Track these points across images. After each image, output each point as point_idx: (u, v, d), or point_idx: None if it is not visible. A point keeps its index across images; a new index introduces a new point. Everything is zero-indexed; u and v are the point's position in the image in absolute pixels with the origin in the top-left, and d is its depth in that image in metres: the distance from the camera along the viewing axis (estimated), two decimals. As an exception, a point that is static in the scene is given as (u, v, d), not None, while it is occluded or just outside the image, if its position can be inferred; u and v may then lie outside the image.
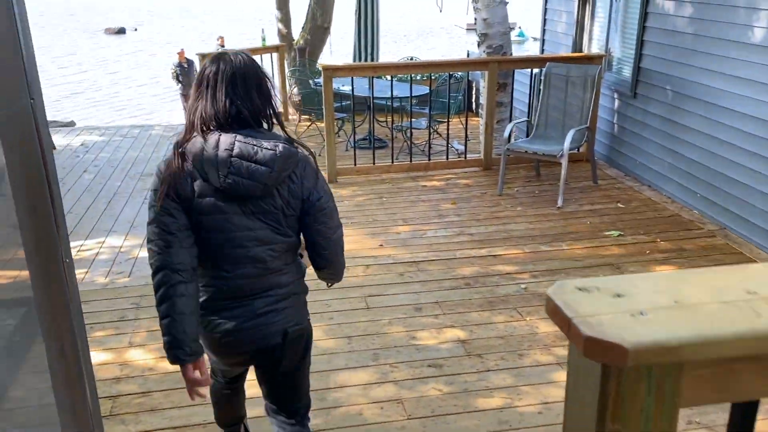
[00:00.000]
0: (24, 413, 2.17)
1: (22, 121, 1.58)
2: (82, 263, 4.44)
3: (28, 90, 1.57)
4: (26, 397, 2.17)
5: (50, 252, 1.70)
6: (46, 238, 1.68)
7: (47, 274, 1.71)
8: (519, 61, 6.48)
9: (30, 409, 2.12)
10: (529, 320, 3.67)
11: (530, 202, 5.49)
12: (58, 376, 1.85)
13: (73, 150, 7.34)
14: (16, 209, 1.68)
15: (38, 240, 1.68)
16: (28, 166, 1.62)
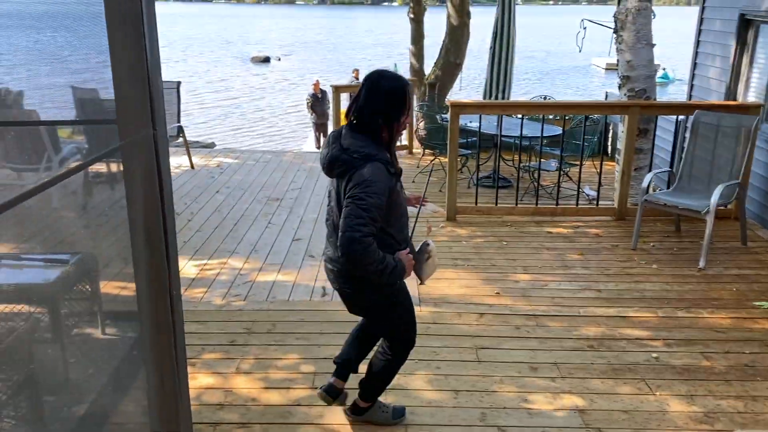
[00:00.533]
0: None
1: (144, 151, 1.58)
2: (203, 282, 4.57)
3: (152, 120, 1.56)
4: (125, 429, 2.17)
5: (159, 284, 1.67)
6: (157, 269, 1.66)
7: (155, 305, 1.69)
8: (664, 107, 6.03)
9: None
10: (659, 395, 3.28)
11: (668, 260, 5.01)
12: (156, 406, 1.82)
13: (209, 171, 7.73)
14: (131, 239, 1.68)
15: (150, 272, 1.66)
16: (146, 197, 1.61)
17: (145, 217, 1.63)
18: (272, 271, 4.76)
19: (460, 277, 4.69)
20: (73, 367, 2.82)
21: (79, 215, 2.98)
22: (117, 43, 1.50)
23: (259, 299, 4.30)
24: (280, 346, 3.70)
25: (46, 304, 2.72)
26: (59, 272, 2.75)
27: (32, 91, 2.45)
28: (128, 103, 1.55)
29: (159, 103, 1.59)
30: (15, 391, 2.47)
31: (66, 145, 3.38)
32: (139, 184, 1.59)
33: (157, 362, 1.72)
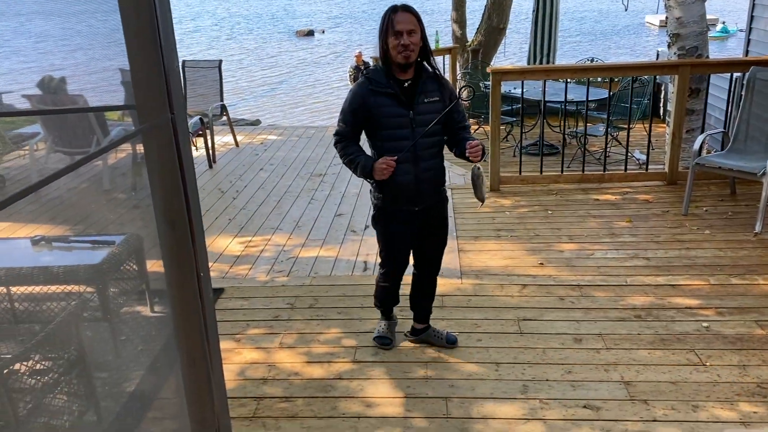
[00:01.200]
0: (163, 420, 2.25)
1: (162, 135, 1.59)
2: (248, 259, 4.65)
3: (169, 105, 1.57)
4: (167, 404, 2.23)
5: (186, 266, 1.70)
6: (182, 252, 1.69)
7: (182, 288, 1.71)
8: (716, 65, 5.73)
9: (168, 417, 2.19)
10: (709, 366, 3.17)
11: (721, 225, 4.81)
12: (188, 387, 1.86)
13: (253, 148, 7.81)
14: (156, 224, 1.71)
15: (175, 254, 1.69)
16: (167, 180, 1.62)
17: (167, 202, 1.64)
18: (314, 247, 4.80)
19: (503, 248, 4.63)
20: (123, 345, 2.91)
21: (129, 196, 3.05)
22: (130, 27, 1.50)
23: (302, 275, 4.35)
24: (322, 321, 3.75)
25: (94, 284, 2.81)
26: (106, 253, 2.83)
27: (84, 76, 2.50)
28: (145, 88, 1.55)
29: (176, 87, 1.59)
30: (67, 368, 2.57)
31: (114, 128, 3.45)
32: (160, 168, 1.61)
33: (187, 345, 1.76)
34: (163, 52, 1.52)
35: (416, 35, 2.88)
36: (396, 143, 2.97)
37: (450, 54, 8.97)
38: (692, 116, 5.76)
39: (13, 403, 2.31)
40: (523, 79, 6.03)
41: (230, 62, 24.29)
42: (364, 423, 2.88)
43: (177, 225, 1.68)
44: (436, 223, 3.21)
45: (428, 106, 2.97)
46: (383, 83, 2.95)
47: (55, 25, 2.59)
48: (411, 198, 3.06)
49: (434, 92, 2.99)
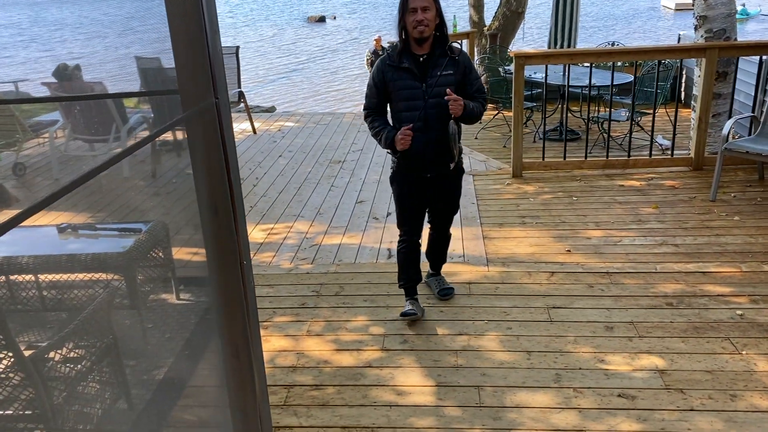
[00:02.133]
0: (199, 408, 2.23)
1: (207, 120, 1.55)
2: (271, 246, 4.63)
3: (213, 89, 1.53)
4: (202, 392, 2.21)
5: (229, 253, 1.67)
6: (225, 239, 1.65)
7: (225, 275, 1.68)
8: (745, 48, 5.61)
9: (205, 405, 2.17)
10: (745, 354, 3.12)
11: (750, 211, 4.73)
12: (230, 376, 1.84)
13: (271, 135, 7.78)
14: (199, 209, 1.67)
15: (218, 241, 1.66)
16: (211, 166, 1.59)
17: (211, 188, 1.61)
18: (337, 234, 4.77)
19: (529, 235, 4.57)
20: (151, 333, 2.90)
21: (149, 184, 3.03)
22: (175, 11, 1.46)
23: (326, 262, 4.32)
24: (348, 309, 3.72)
25: (122, 272, 2.79)
26: (133, 241, 2.81)
27: (101, 63, 2.46)
28: (189, 72, 1.51)
29: (220, 70, 1.55)
30: (99, 357, 2.55)
31: (132, 115, 3.42)
32: (204, 154, 1.57)
33: (230, 333, 1.73)
34: (207, 34, 1.47)
35: (430, 12, 3.12)
36: (411, 113, 3.22)
37: (468, 39, 8.86)
38: (719, 100, 5.65)
39: (49, 392, 2.30)
40: (546, 63, 5.94)
41: (245, 49, 24.18)
42: (396, 412, 2.86)
43: (220, 211, 1.64)
44: (449, 190, 3.47)
45: (442, 79, 3.18)
46: (399, 58, 3.21)
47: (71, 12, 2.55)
48: (423, 165, 3.31)
49: (448, 66, 3.19)
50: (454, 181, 3.45)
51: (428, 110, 3.18)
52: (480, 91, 3.31)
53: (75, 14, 2.65)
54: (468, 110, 3.17)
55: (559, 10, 7.14)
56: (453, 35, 9.07)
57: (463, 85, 3.23)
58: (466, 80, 3.24)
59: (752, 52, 5.63)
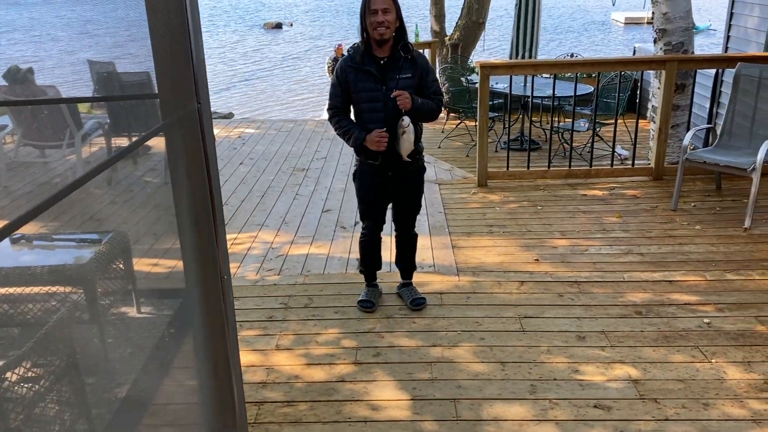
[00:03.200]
0: (166, 428, 2.11)
1: (189, 126, 1.46)
2: (235, 257, 4.49)
3: (196, 94, 1.44)
4: (168, 410, 2.10)
5: (209, 267, 1.58)
6: (206, 252, 1.56)
7: (205, 290, 1.59)
8: (703, 61, 5.76)
9: (172, 424, 2.06)
10: (714, 363, 3.16)
11: (711, 220, 4.84)
12: (209, 394, 1.74)
13: (231, 142, 7.62)
14: (177, 220, 1.58)
15: (198, 254, 1.56)
16: (192, 175, 1.50)
17: (192, 198, 1.52)
18: (304, 244, 4.67)
19: (497, 244, 4.57)
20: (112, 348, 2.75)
21: (106, 191, 2.89)
22: (156, 13, 1.37)
23: (294, 273, 4.22)
24: (318, 321, 3.63)
25: (81, 284, 2.64)
26: (92, 252, 2.67)
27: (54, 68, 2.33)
28: (170, 76, 1.43)
29: (203, 76, 1.46)
30: (58, 375, 2.40)
31: (87, 120, 3.26)
32: (185, 162, 1.48)
33: (210, 351, 1.64)
34: (191, 34, 1.39)
35: (390, 14, 3.19)
36: (372, 115, 3.32)
37: (429, 48, 8.89)
38: (677, 111, 5.78)
39: (4, 415, 2.15)
40: (511, 74, 5.99)
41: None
42: (372, 427, 2.78)
43: (201, 223, 1.55)
44: (410, 187, 3.54)
45: (401, 82, 3.26)
46: (360, 61, 3.28)
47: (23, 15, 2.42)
48: (386, 163, 3.38)
49: (407, 69, 3.27)
50: (415, 180, 3.53)
51: (389, 112, 3.26)
52: (437, 93, 3.39)
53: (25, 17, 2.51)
54: (416, 104, 3.24)
55: (521, 21, 7.21)
56: (415, 45, 9.09)
57: (421, 87, 3.32)
58: (424, 82, 3.33)
59: (709, 65, 5.79)
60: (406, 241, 3.76)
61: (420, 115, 3.32)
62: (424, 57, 3.40)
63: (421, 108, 3.29)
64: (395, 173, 3.43)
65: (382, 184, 3.48)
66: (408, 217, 3.67)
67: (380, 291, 3.85)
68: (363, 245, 3.73)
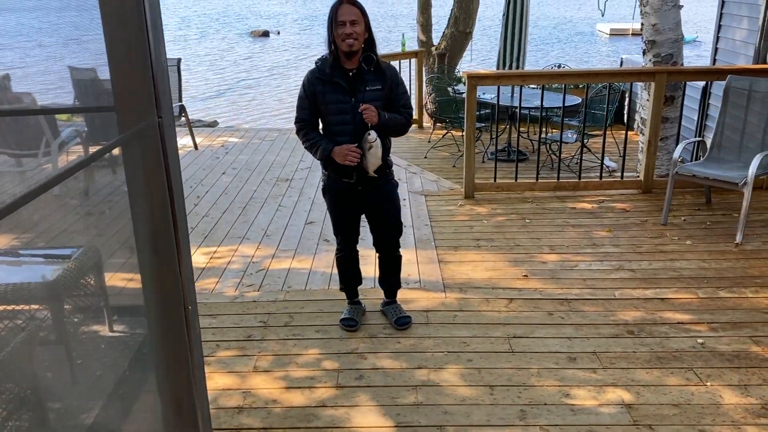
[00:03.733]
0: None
1: (148, 142, 1.32)
2: (214, 271, 4.33)
3: (156, 106, 1.30)
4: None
5: (172, 297, 1.43)
6: (168, 281, 1.42)
7: (167, 324, 1.44)
8: (693, 73, 5.70)
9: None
10: (710, 386, 3.04)
11: (701, 235, 4.75)
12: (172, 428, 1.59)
13: (213, 151, 7.45)
14: (136, 246, 1.43)
15: (159, 284, 1.42)
16: (152, 197, 1.36)
17: (152, 222, 1.37)
18: (286, 258, 4.52)
19: (485, 258, 4.44)
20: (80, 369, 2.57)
21: (82, 202, 2.71)
22: (111, 14, 1.23)
23: (274, 289, 4.07)
24: (299, 341, 3.47)
25: (47, 303, 2.47)
26: (61, 269, 2.50)
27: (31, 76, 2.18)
28: (128, 87, 1.28)
29: (164, 85, 1.32)
30: (19, 402, 2.23)
31: (64, 129, 3.09)
32: (143, 182, 1.34)
33: (173, 389, 1.49)
34: (150, 43, 1.25)
35: (359, 26, 3.11)
36: (341, 127, 3.24)
37: (416, 58, 8.78)
38: (666, 124, 5.71)
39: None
40: (499, 84, 5.89)
41: (187, 62, 23.53)
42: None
43: (161, 248, 1.41)
44: (382, 202, 3.43)
45: (370, 94, 3.20)
46: (328, 72, 3.20)
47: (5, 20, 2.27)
48: (354, 177, 3.30)
49: (376, 81, 3.21)
50: (387, 197, 3.43)
51: (358, 125, 3.19)
52: (406, 107, 3.33)
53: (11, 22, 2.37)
54: (383, 119, 3.18)
55: (508, 32, 7.13)
56: (401, 54, 8.99)
57: (390, 100, 3.27)
58: (393, 95, 3.27)
59: (699, 78, 5.73)
60: (390, 263, 3.63)
61: (387, 129, 3.25)
62: (393, 69, 3.33)
63: (388, 123, 3.22)
64: (364, 188, 3.34)
65: (351, 199, 3.40)
66: (387, 239, 3.53)
67: (363, 308, 3.74)
68: (339, 261, 3.64)
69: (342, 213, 3.46)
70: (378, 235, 3.53)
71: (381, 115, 3.17)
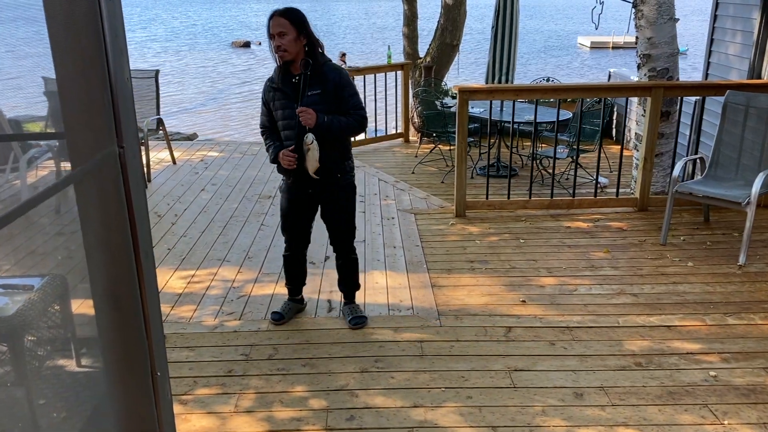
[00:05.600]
0: None
1: (106, 177, 1.07)
2: (191, 298, 4.06)
3: (117, 134, 1.06)
4: None
5: (136, 363, 1.18)
6: (131, 344, 1.17)
7: (131, 394, 1.19)
8: (690, 88, 5.56)
9: None
10: (727, 425, 2.83)
11: (702, 256, 4.57)
12: None
13: (192, 165, 7.17)
14: (93, 301, 1.18)
15: (121, 346, 1.17)
16: (110, 241, 1.11)
17: (111, 272, 1.12)
18: (269, 283, 4.26)
19: (479, 283, 4.22)
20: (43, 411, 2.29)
21: (51, 220, 2.44)
22: (56, 25, 0.98)
23: (257, 317, 3.80)
24: (284, 376, 3.21)
25: (6, 340, 2.19)
26: (23, 300, 2.22)
27: None
28: (81, 110, 1.04)
29: (127, 107, 1.08)
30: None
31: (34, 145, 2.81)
32: (100, 224, 1.09)
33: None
34: (108, 56, 1.00)
35: (287, 36, 3.23)
36: (286, 132, 3.39)
37: (402, 70, 8.59)
38: (662, 140, 5.56)
39: None
40: (491, 99, 5.70)
41: (167, 73, 23.23)
42: None
43: (123, 304, 1.16)
44: (332, 206, 3.53)
45: (310, 98, 3.30)
46: (276, 80, 3.39)
47: None
48: (303, 180, 3.42)
49: (316, 85, 3.30)
50: (339, 198, 3.51)
51: (299, 128, 3.32)
52: (356, 108, 3.37)
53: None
54: (322, 121, 3.25)
55: (497, 45, 6.97)
56: (387, 66, 8.79)
57: (337, 102, 3.32)
58: (340, 97, 3.33)
59: (697, 93, 5.59)
60: (345, 266, 3.74)
61: (331, 132, 3.30)
62: (337, 72, 3.36)
63: (330, 125, 3.28)
64: (314, 191, 3.47)
65: (301, 201, 3.53)
66: (340, 241, 3.64)
67: (301, 306, 3.85)
68: (285, 260, 3.79)
69: (291, 212, 3.59)
70: (331, 239, 3.67)
71: (320, 117, 3.25)
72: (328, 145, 3.32)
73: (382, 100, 8.14)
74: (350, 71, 10.09)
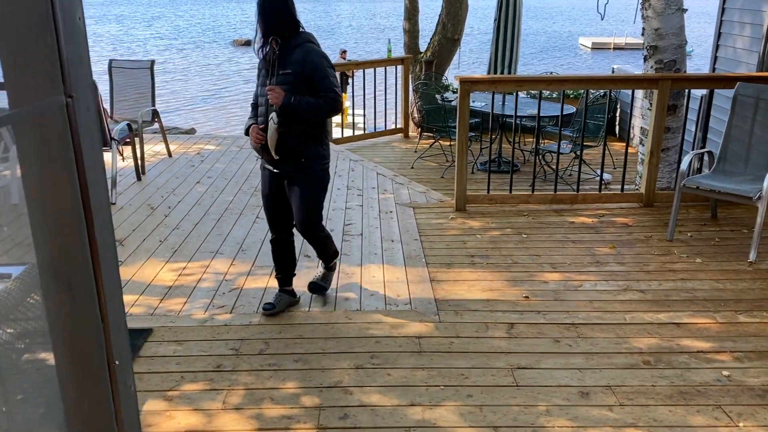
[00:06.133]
0: None
1: (48, 129, 0.93)
2: (182, 290, 3.91)
3: (62, 81, 0.91)
4: None
5: (90, 353, 1.03)
6: (83, 331, 1.02)
7: (83, 387, 1.04)
8: (699, 80, 5.41)
9: None
10: (743, 427, 2.68)
11: (711, 252, 4.42)
12: None
13: (188, 158, 7.02)
14: (40, 281, 1.03)
15: (72, 334, 1.02)
16: (56, 205, 0.96)
17: (56, 247, 0.97)
18: (262, 276, 4.11)
19: (480, 277, 4.07)
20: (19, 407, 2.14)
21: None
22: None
23: (248, 311, 3.65)
24: (275, 372, 3.06)
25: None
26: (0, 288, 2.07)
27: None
28: (21, 56, 0.89)
29: (78, 51, 0.93)
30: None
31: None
32: (41, 188, 0.94)
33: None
34: (57, 14, 0.86)
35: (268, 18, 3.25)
36: (262, 108, 3.38)
37: (402, 64, 8.44)
38: (668, 134, 5.41)
39: None
40: (493, 90, 5.56)
41: (169, 70, 23.15)
42: None
43: (74, 284, 1.01)
44: (291, 192, 3.45)
45: (280, 78, 3.28)
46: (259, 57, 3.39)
47: None
48: (269, 160, 3.41)
49: (290, 65, 3.27)
50: (299, 182, 3.41)
51: (269, 107, 3.31)
52: (327, 90, 3.29)
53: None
54: (289, 102, 3.20)
55: (500, 38, 6.82)
56: (387, 61, 8.65)
57: (308, 84, 3.28)
58: (312, 79, 3.27)
59: (705, 85, 5.43)
60: (313, 243, 3.68)
61: (297, 112, 3.24)
62: (310, 53, 3.29)
63: (298, 105, 3.22)
64: (281, 172, 3.43)
65: (270, 180, 3.48)
66: (299, 226, 3.51)
67: (295, 300, 3.72)
68: (273, 248, 3.70)
69: (264, 193, 3.55)
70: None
71: (287, 97, 3.21)
72: (294, 125, 3.28)
73: (381, 95, 8.00)
74: (350, 65, 9.95)
